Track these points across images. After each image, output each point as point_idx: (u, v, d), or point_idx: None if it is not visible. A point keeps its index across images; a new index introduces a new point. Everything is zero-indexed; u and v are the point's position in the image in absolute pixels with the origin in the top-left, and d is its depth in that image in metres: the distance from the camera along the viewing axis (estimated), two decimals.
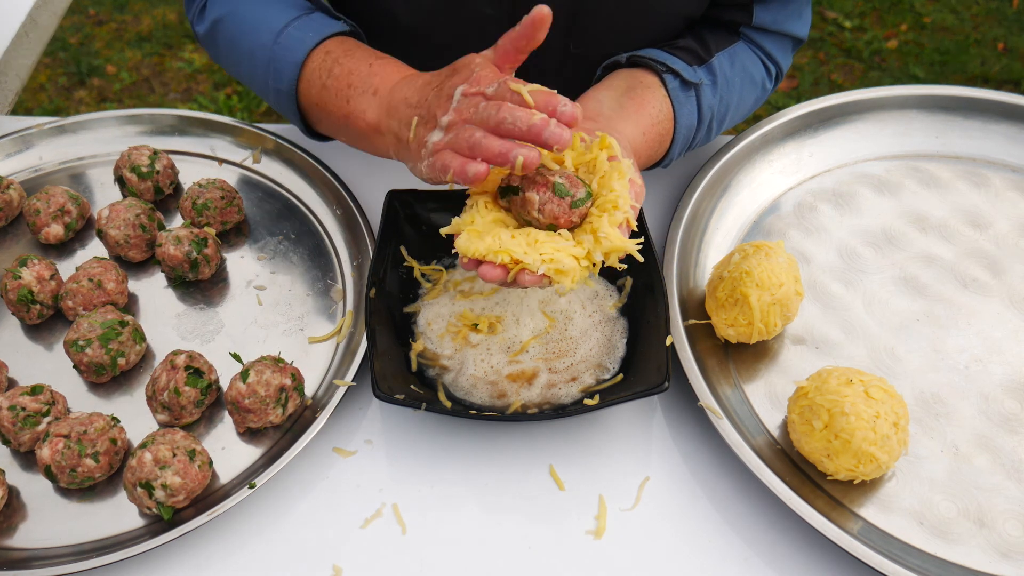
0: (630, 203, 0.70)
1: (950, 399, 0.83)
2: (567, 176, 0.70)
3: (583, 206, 0.70)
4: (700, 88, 0.89)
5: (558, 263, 0.67)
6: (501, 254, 0.67)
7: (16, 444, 0.79)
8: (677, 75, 0.88)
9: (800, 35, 0.97)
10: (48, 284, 0.88)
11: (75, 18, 2.82)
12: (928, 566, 0.71)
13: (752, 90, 0.96)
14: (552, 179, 0.69)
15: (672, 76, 0.88)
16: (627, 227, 0.70)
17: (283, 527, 0.76)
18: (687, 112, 0.88)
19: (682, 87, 0.88)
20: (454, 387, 0.83)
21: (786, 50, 0.99)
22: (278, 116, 2.57)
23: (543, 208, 0.69)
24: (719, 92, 0.91)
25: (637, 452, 0.81)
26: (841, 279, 0.92)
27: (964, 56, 2.67)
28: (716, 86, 0.91)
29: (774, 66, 0.98)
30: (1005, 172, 1.01)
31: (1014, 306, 0.90)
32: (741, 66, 0.94)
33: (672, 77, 0.88)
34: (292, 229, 0.98)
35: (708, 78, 0.90)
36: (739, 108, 0.96)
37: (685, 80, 0.88)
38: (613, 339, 0.86)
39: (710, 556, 0.74)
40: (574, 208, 0.70)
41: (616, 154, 0.73)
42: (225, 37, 0.93)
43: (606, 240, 0.68)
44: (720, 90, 0.91)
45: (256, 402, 0.78)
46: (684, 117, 0.88)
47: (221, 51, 0.95)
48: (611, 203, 0.70)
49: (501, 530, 0.76)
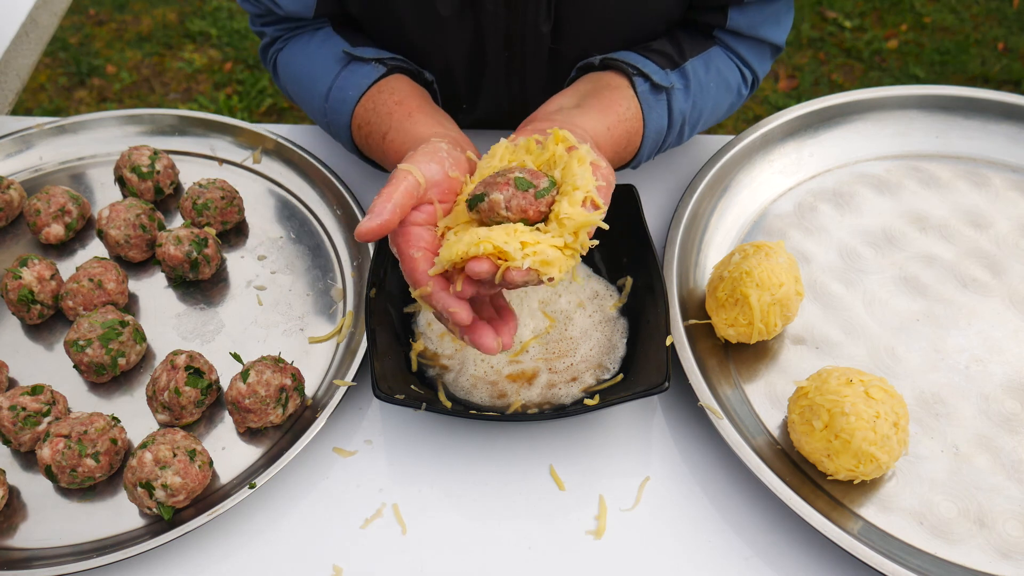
0: (592, 183, 0.69)
1: (950, 399, 0.83)
2: (527, 171, 0.70)
3: (548, 195, 0.70)
4: (671, 92, 0.89)
5: (541, 254, 0.67)
6: (483, 243, 0.66)
7: (16, 444, 0.79)
8: (647, 78, 0.88)
9: (777, 42, 0.97)
10: (48, 284, 0.88)
11: (75, 18, 2.82)
12: (928, 566, 0.71)
13: (727, 95, 0.96)
14: (512, 175, 0.69)
15: (642, 79, 0.87)
16: (591, 205, 0.69)
17: (283, 527, 0.77)
18: (656, 116, 0.88)
19: (652, 90, 0.88)
20: (454, 387, 0.83)
21: (763, 57, 0.98)
22: (278, 116, 2.57)
23: (509, 204, 0.69)
24: (692, 97, 0.91)
25: (637, 452, 0.81)
26: (841, 279, 0.92)
27: (964, 56, 2.67)
28: (689, 91, 0.91)
29: (750, 72, 0.97)
30: (1005, 172, 1.01)
31: (1014, 306, 0.90)
32: (716, 71, 0.93)
33: (642, 80, 0.87)
34: (292, 229, 0.98)
35: (680, 82, 0.90)
36: (714, 113, 0.96)
37: (655, 84, 0.88)
38: (613, 339, 0.86)
39: (710, 556, 0.74)
40: (540, 198, 0.69)
41: (572, 143, 0.72)
42: (294, 95, 1.01)
43: (568, 220, 0.68)
44: (693, 95, 0.91)
45: (256, 402, 0.78)
46: (653, 121, 0.88)
47: (297, 104, 1.02)
48: (571, 186, 0.69)
49: (501, 530, 0.76)
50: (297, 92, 0.98)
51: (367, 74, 0.90)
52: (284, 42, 1.00)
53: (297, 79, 0.97)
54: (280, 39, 1.00)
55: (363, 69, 0.91)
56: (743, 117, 2.56)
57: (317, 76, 0.94)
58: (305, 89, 0.96)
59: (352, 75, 0.91)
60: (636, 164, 0.93)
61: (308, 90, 0.95)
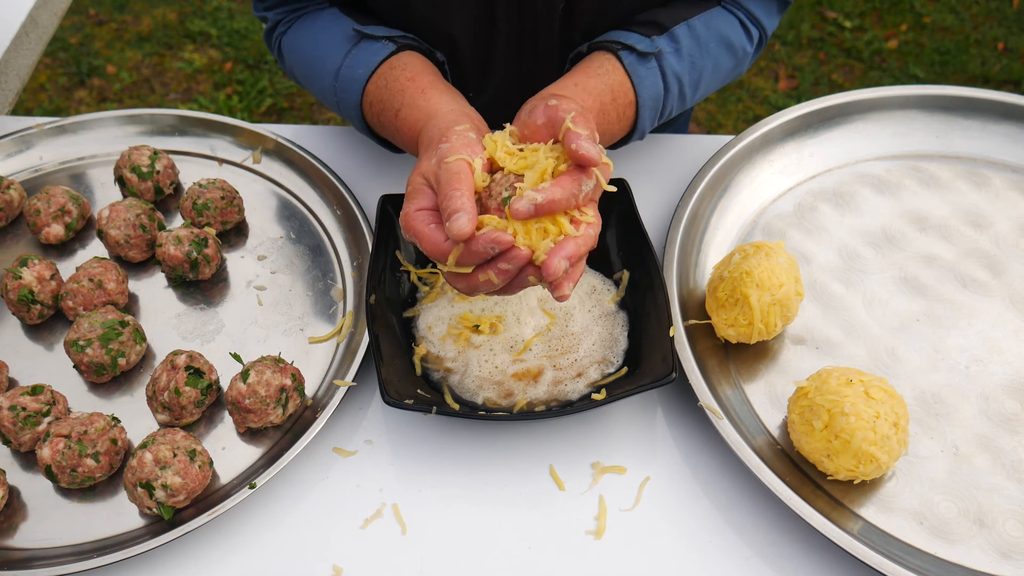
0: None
1: (950, 399, 0.83)
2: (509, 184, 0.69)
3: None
4: (661, 56, 0.89)
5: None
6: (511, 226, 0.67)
7: (17, 444, 0.79)
8: (632, 49, 0.88)
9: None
10: (48, 284, 0.88)
11: (75, 18, 2.82)
12: (928, 566, 0.71)
13: (730, 54, 0.96)
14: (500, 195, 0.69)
15: (627, 51, 0.88)
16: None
17: (283, 527, 0.77)
18: (650, 84, 0.89)
19: (639, 59, 0.88)
20: (460, 389, 0.83)
21: (771, 11, 0.98)
22: (278, 116, 2.57)
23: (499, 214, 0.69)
24: (687, 58, 0.91)
25: (637, 452, 0.81)
26: (841, 279, 0.92)
27: (964, 56, 2.67)
28: (681, 52, 0.91)
29: (756, 28, 0.97)
30: (1005, 172, 1.01)
31: (1014, 306, 0.90)
32: (716, 30, 0.93)
33: (628, 52, 0.88)
34: (292, 229, 0.98)
35: (670, 46, 0.90)
36: (716, 73, 0.96)
37: (640, 52, 0.88)
38: (615, 333, 0.86)
39: (710, 556, 0.74)
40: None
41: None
42: (301, 77, 1.00)
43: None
44: (689, 56, 0.91)
45: (256, 402, 0.78)
46: (647, 88, 0.89)
47: (305, 87, 1.01)
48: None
49: (501, 530, 0.76)
50: (305, 73, 0.98)
51: (377, 51, 0.90)
52: (287, 25, 0.99)
53: (305, 60, 0.97)
54: (283, 22, 1.00)
55: (373, 47, 0.91)
56: (743, 117, 2.56)
57: (326, 56, 0.93)
58: (314, 70, 0.95)
59: (362, 53, 0.90)
60: (641, 134, 0.93)
61: (317, 70, 0.95)
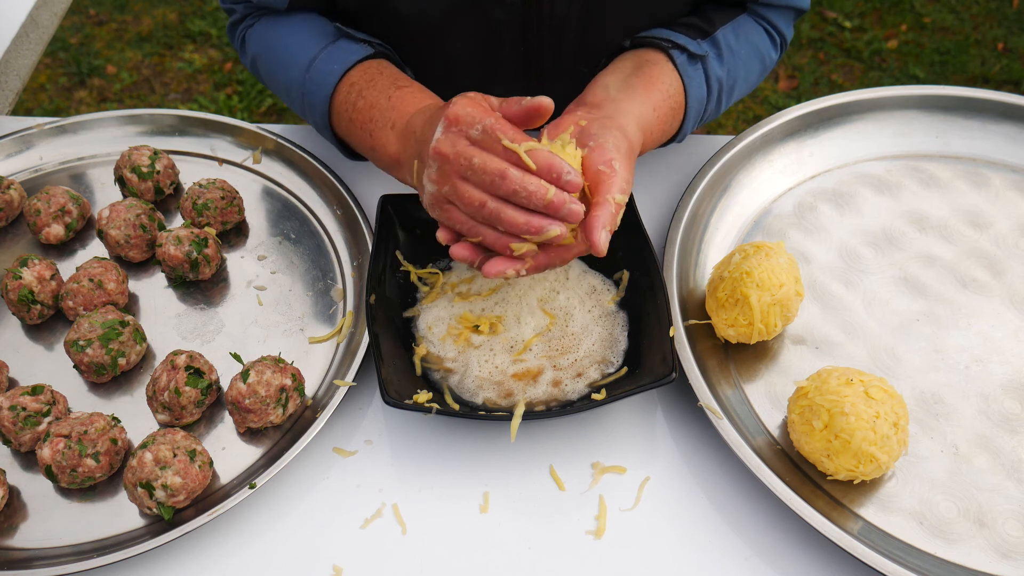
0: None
1: (950, 399, 0.83)
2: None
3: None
4: (707, 60, 0.90)
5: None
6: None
7: (17, 444, 0.79)
8: (684, 50, 0.89)
9: (803, 6, 0.99)
10: (48, 284, 0.88)
11: (75, 18, 2.82)
12: (928, 566, 0.71)
13: (758, 61, 0.98)
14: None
15: (679, 51, 0.89)
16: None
17: (283, 527, 0.77)
18: (697, 85, 0.90)
19: (690, 61, 0.89)
20: (460, 389, 0.83)
21: (788, 20, 1.01)
22: (278, 116, 2.57)
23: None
24: (726, 64, 0.93)
25: (637, 452, 0.81)
26: (841, 279, 0.92)
27: (964, 56, 2.67)
28: (722, 58, 0.92)
29: (778, 36, 1.00)
30: (1005, 172, 1.01)
31: (1014, 306, 0.90)
32: (746, 38, 0.95)
33: (679, 52, 0.89)
34: (292, 229, 0.98)
35: (713, 51, 0.92)
36: (747, 79, 0.98)
37: (692, 54, 0.89)
38: (615, 333, 0.86)
39: (710, 556, 0.74)
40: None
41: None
42: (265, 71, 0.99)
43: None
44: (727, 62, 0.93)
45: (256, 402, 0.78)
46: (695, 90, 0.90)
47: (266, 83, 1.01)
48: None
49: (501, 530, 0.76)
50: (269, 63, 0.97)
51: (356, 51, 0.90)
52: (255, 19, 0.99)
53: (273, 49, 0.96)
54: (250, 16, 1.00)
55: (352, 46, 0.91)
56: (743, 117, 2.56)
57: (299, 48, 0.93)
58: (280, 61, 0.95)
59: (339, 50, 0.90)
60: (681, 137, 0.94)
61: (284, 62, 0.94)
